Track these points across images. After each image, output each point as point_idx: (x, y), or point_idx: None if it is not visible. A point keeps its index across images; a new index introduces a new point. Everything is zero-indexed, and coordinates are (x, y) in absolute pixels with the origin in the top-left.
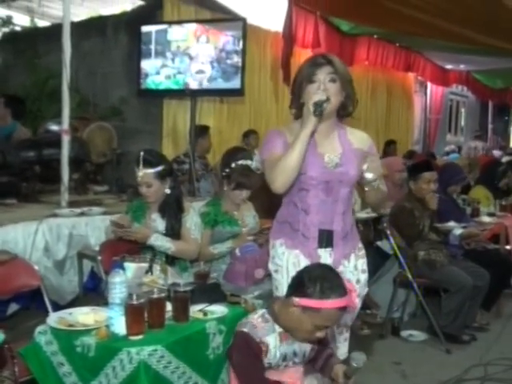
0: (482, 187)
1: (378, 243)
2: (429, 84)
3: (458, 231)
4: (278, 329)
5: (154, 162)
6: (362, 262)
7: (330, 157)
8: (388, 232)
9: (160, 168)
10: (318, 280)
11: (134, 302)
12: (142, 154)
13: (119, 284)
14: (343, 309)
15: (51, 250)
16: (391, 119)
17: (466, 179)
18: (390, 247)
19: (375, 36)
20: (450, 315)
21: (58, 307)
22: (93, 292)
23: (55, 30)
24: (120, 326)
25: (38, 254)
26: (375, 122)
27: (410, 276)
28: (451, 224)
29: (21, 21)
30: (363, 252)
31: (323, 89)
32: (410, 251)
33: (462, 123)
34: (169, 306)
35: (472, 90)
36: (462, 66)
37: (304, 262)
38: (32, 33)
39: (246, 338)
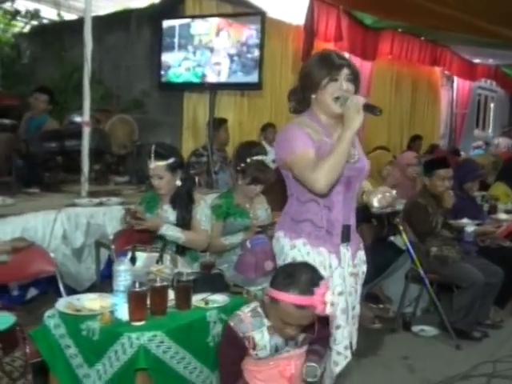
0: (501, 184)
1: (392, 238)
2: (455, 78)
3: (470, 228)
4: (267, 323)
5: (165, 154)
6: (363, 253)
7: (349, 153)
8: (401, 228)
9: (171, 160)
10: (285, 272)
11: (137, 289)
12: (153, 146)
13: (124, 272)
14: (301, 308)
15: (69, 238)
16: (416, 114)
17: (482, 176)
18: (403, 242)
19: (400, 30)
20: (461, 311)
21: (75, 293)
22: (109, 279)
23: (81, 23)
24: (123, 312)
25: (56, 241)
26: (399, 116)
27: (421, 271)
28: (464, 221)
29: (48, 14)
30: (362, 243)
31: (345, 89)
32: (422, 247)
33: (491, 118)
34: (172, 295)
35: (501, 84)
36: (490, 60)
37: (330, 259)
38: (59, 26)
39: (229, 331)
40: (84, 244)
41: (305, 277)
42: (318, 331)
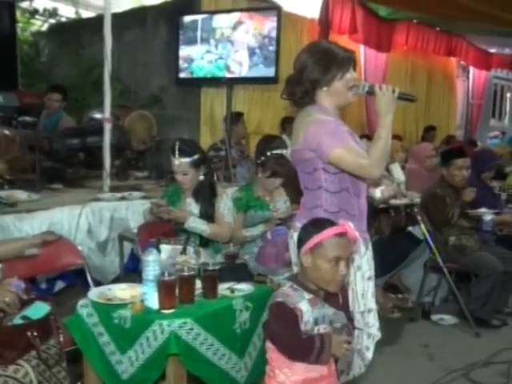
0: None
1: (410, 229)
2: (471, 68)
3: (488, 217)
4: (307, 296)
5: (190, 151)
6: None
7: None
8: (419, 218)
9: (195, 157)
10: (308, 224)
11: (166, 279)
12: (177, 143)
13: (153, 262)
14: (342, 236)
15: (94, 232)
16: (432, 105)
17: (499, 165)
18: (421, 233)
19: (414, 21)
20: (480, 300)
21: (101, 286)
22: (133, 272)
23: (99, 20)
24: (153, 301)
25: (82, 235)
26: (414, 107)
27: (440, 261)
28: (482, 210)
29: (66, 12)
30: None
31: (355, 77)
32: (440, 236)
33: (507, 108)
34: (199, 284)
35: None
36: (506, 50)
37: (360, 246)
38: (77, 24)
39: (281, 306)
40: (108, 238)
41: (325, 219)
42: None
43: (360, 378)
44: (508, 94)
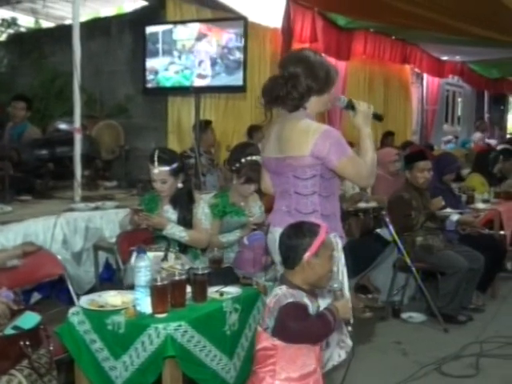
0: (477, 175)
1: (378, 230)
2: (425, 75)
3: (454, 217)
4: (304, 293)
5: (169, 159)
6: None
7: None
8: (387, 220)
9: (174, 165)
10: (301, 229)
11: (159, 284)
12: (156, 152)
13: (144, 268)
14: (328, 233)
15: (69, 243)
16: (389, 111)
17: (460, 168)
18: (389, 234)
19: (371, 30)
20: (447, 297)
21: (76, 296)
22: (108, 282)
23: (60, 30)
24: (146, 306)
25: (57, 246)
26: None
27: (408, 261)
28: (448, 210)
29: (25, 22)
30: None
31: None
32: (408, 237)
33: (459, 113)
34: (188, 288)
35: (467, 80)
36: (457, 57)
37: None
38: (37, 34)
39: (294, 305)
40: (83, 248)
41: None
42: None
43: (337, 376)
44: (459, 100)
